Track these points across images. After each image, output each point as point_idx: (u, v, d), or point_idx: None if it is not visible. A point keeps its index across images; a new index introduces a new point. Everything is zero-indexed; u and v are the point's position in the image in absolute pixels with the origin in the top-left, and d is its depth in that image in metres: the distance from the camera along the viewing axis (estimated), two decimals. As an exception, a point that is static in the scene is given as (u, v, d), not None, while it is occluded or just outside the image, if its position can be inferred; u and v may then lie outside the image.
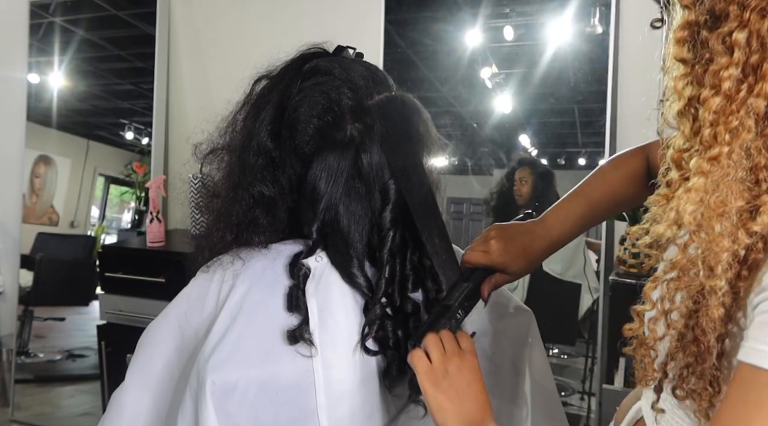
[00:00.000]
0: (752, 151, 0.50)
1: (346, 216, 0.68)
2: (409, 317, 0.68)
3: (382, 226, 0.68)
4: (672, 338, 0.57)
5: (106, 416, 0.70)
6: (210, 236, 0.74)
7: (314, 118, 0.71)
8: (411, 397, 0.67)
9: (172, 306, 0.71)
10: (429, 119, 0.74)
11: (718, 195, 0.50)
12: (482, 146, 2.27)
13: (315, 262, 0.68)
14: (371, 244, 0.69)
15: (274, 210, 0.72)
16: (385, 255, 0.67)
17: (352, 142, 0.69)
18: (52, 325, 2.90)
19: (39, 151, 2.84)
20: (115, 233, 2.97)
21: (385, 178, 0.69)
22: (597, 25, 1.92)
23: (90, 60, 2.86)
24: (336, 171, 0.69)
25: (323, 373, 0.64)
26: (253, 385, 0.62)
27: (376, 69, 0.76)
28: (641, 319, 0.59)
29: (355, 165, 0.69)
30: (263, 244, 0.72)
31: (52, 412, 2.67)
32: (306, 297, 0.66)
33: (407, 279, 0.68)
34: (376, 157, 0.69)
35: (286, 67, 0.75)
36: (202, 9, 2.56)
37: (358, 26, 2.25)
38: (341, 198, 0.68)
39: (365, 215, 0.69)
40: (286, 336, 0.64)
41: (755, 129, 0.49)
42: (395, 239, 0.68)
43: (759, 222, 0.48)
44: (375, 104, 0.70)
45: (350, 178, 0.69)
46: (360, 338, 0.66)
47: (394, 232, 0.68)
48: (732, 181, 0.50)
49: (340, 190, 0.69)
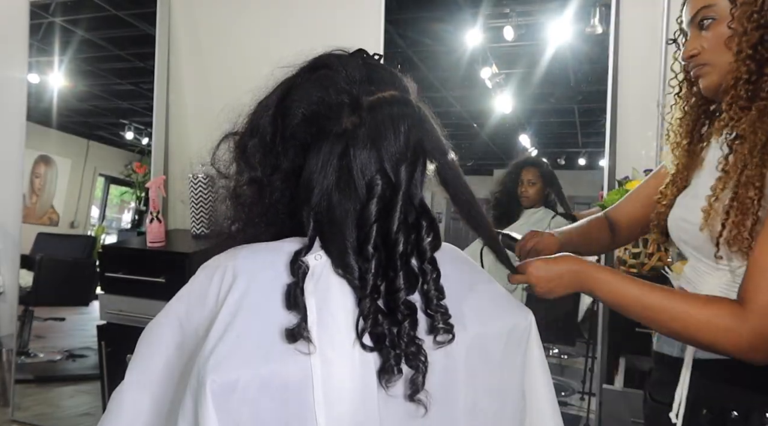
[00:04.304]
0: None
1: (338, 207, 0.69)
2: (405, 317, 0.68)
3: (367, 219, 0.68)
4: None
5: (105, 416, 0.70)
6: (217, 224, 0.76)
7: (305, 107, 0.73)
8: (409, 397, 0.67)
9: (172, 304, 0.71)
10: (431, 128, 0.74)
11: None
12: (482, 146, 2.27)
13: (314, 261, 0.69)
14: (359, 238, 0.69)
15: (266, 193, 0.74)
16: (369, 249, 0.67)
17: (343, 136, 0.70)
18: (52, 325, 2.90)
19: (39, 151, 2.84)
20: (115, 233, 2.98)
21: (372, 173, 0.69)
22: (597, 25, 1.92)
23: (90, 60, 2.86)
24: (327, 162, 0.70)
25: (321, 371, 0.64)
26: (253, 383, 0.62)
27: (383, 69, 0.77)
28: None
29: (344, 158, 0.70)
30: (262, 231, 0.73)
31: (52, 413, 2.67)
32: (305, 295, 0.66)
33: (396, 276, 0.68)
34: (364, 153, 0.69)
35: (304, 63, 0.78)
36: (202, 9, 2.56)
37: (358, 26, 2.25)
38: (333, 190, 0.69)
39: (354, 209, 0.70)
40: (285, 334, 0.64)
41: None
42: (379, 232, 0.68)
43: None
44: (368, 102, 0.71)
45: (340, 170, 0.70)
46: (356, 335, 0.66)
47: (378, 225, 0.68)
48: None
49: (332, 181, 0.69)
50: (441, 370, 0.69)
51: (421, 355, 0.67)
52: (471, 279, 0.80)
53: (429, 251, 0.71)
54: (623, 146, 1.92)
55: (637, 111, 1.88)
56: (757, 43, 0.85)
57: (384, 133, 0.70)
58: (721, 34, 0.89)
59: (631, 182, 1.73)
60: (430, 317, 0.70)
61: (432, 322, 0.69)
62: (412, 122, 0.71)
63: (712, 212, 0.87)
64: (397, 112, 0.71)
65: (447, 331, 0.69)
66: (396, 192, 0.69)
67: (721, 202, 0.86)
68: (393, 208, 0.69)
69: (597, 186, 1.98)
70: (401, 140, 0.70)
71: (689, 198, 0.99)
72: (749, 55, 0.86)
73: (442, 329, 0.69)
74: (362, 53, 0.78)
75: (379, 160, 0.70)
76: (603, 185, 1.92)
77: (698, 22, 0.92)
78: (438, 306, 0.70)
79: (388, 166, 0.70)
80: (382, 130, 0.70)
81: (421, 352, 0.67)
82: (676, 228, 1.00)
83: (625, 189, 1.73)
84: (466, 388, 0.72)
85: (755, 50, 0.86)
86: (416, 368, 0.66)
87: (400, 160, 0.70)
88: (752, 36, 0.85)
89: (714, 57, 0.91)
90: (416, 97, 0.78)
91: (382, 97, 0.71)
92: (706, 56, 0.92)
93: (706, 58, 0.92)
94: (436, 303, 0.70)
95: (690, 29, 0.94)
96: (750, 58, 0.86)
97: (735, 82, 0.88)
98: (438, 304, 0.70)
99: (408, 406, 0.67)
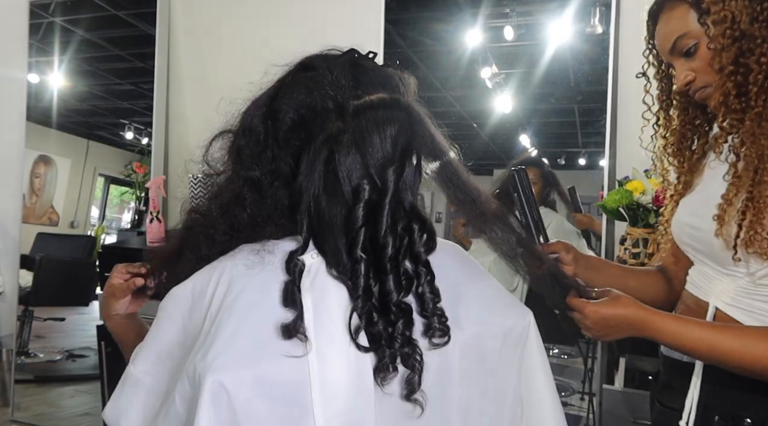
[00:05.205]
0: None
1: (327, 212, 0.69)
2: (399, 318, 0.68)
3: (354, 223, 0.68)
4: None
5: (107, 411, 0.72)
6: (207, 219, 0.76)
7: (293, 112, 0.73)
8: (405, 396, 0.67)
9: (174, 303, 0.72)
10: (423, 129, 0.73)
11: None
12: (482, 146, 2.27)
13: (310, 259, 0.69)
14: (348, 242, 0.69)
15: (260, 193, 0.74)
16: (358, 252, 0.68)
17: (327, 141, 0.70)
18: (52, 325, 2.90)
19: (39, 151, 2.84)
20: (115, 233, 2.98)
21: (358, 178, 0.69)
22: (597, 25, 1.92)
23: (90, 60, 2.86)
24: (313, 168, 0.70)
25: (318, 368, 0.64)
26: (249, 380, 0.62)
27: (372, 70, 0.76)
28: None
29: (330, 164, 0.70)
30: (260, 231, 0.74)
31: (52, 413, 2.67)
32: (301, 292, 0.66)
33: (386, 279, 0.68)
34: (349, 158, 0.69)
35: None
36: (202, 9, 2.56)
37: (358, 26, 2.25)
38: (321, 195, 0.70)
39: (342, 214, 0.70)
40: (282, 330, 0.64)
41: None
42: (368, 236, 0.68)
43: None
44: (354, 106, 0.71)
45: (327, 176, 0.70)
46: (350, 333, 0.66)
47: (365, 229, 0.68)
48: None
49: (319, 186, 0.70)
50: (436, 370, 0.69)
51: (416, 355, 0.67)
52: (470, 278, 0.80)
53: (423, 254, 0.71)
54: (623, 146, 1.92)
55: (637, 111, 1.88)
56: (737, 57, 0.87)
57: (369, 138, 0.70)
58: (705, 56, 0.91)
59: (631, 182, 1.73)
60: (426, 319, 0.70)
61: (428, 324, 0.69)
62: (400, 125, 0.71)
63: (726, 217, 0.87)
64: (382, 115, 0.70)
65: (443, 334, 0.69)
66: (383, 196, 0.69)
67: (735, 207, 0.86)
68: (380, 213, 0.68)
69: (597, 186, 1.98)
70: (388, 144, 0.70)
71: (692, 204, 0.99)
72: (732, 70, 0.87)
73: (438, 332, 0.69)
74: (353, 53, 0.78)
75: (365, 164, 0.70)
76: (603, 185, 1.92)
77: (680, 51, 0.94)
78: (435, 309, 0.70)
79: (374, 170, 0.69)
80: (366, 135, 0.70)
81: (416, 352, 0.67)
82: (682, 233, 1.00)
83: (626, 189, 1.72)
84: (460, 388, 0.72)
85: (736, 64, 0.87)
86: (412, 368, 0.66)
87: (386, 164, 0.70)
88: (730, 51, 0.87)
89: (709, 77, 0.92)
90: (413, 97, 0.78)
91: (368, 101, 0.71)
92: (702, 79, 0.93)
93: (703, 80, 0.93)
94: (432, 306, 0.70)
95: (673, 59, 0.96)
96: (733, 73, 0.87)
97: (724, 98, 0.89)
98: (434, 307, 0.70)
99: (403, 405, 0.67)
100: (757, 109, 0.86)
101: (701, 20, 0.90)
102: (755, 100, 0.86)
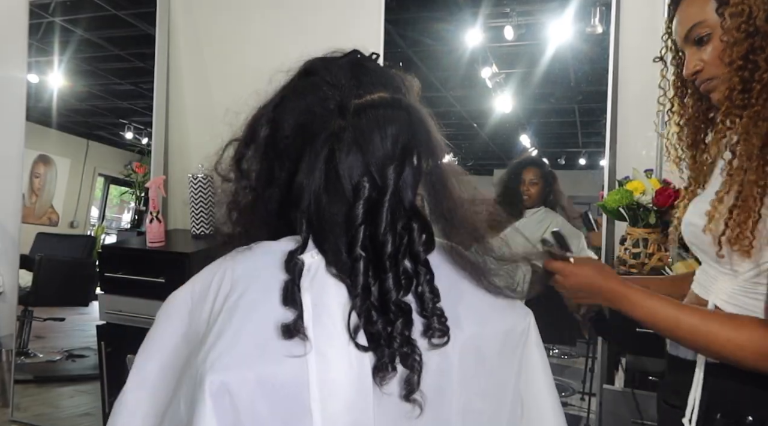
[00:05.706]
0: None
1: (327, 210, 0.70)
2: (398, 317, 0.68)
3: (353, 221, 0.69)
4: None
5: (110, 417, 0.72)
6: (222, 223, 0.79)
7: (294, 118, 0.74)
8: (404, 396, 0.67)
9: (175, 303, 0.72)
10: (423, 129, 0.74)
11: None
12: (482, 146, 2.27)
13: (310, 258, 0.69)
14: (348, 239, 0.70)
15: (262, 200, 0.76)
16: (358, 250, 0.68)
17: (329, 139, 0.70)
18: (51, 326, 2.90)
19: (39, 151, 2.84)
20: (114, 233, 2.98)
21: (359, 176, 0.70)
22: (597, 25, 1.92)
23: (90, 60, 2.86)
24: (314, 166, 0.71)
25: (317, 368, 0.64)
26: (250, 380, 0.62)
27: (374, 70, 0.76)
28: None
29: (331, 162, 0.70)
30: (260, 233, 0.75)
31: (51, 413, 2.67)
32: (301, 291, 0.66)
33: (386, 277, 0.68)
34: (350, 156, 0.70)
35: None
36: (202, 9, 2.56)
37: (359, 26, 2.25)
38: (321, 193, 0.70)
39: (342, 212, 0.70)
40: (281, 329, 0.64)
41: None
42: (367, 234, 0.68)
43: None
44: (355, 105, 0.71)
45: (328, 174, 0.70)
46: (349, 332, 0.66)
47: (365, 227, 0.68)
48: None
49: (320, 184, 0.70)
50: (435, 371, 0.69)
51: (415, 355, 0.67)
52: (470, 277, 0.80)
53: (422, 253, 0.71)
54: (623, 146, 1.92)
55: (637, 111, 1.89)
56: (748, 52, 0.87)
57: (369, 136, 0.70)
58: (717, 47, 0.91)
59: (631, 182, 1.73)
60: (426, 319, 0.69)
61: (427, 324, 0.69)
62: (400, 124, 0.71)
63: (716, 214, 0.88)
64: (383, 114, 0.70)
65: (442, 334, 0.69)
66: (383, 194, 0.69)
67: (726, 204, 0.87)
68: (380, 210, 0.69)
69: (597, 186, 1.98)
70: (388, 142, 0.70)
71: (699, 203, 1.00)
72: (740, 65, 0.88)
73: (437, 332, 0.69)
74: (356, 54, 0.78)
75: (365, 163, 0.70)
76: (603, 185, 1.92)
77: (693, 39, 0.94)
78: (434, 309, 0.70)
79: (374, 168, 0.70)
80: (367, 133, 0.70)
81: (415, 352, 0.67)
82: (687, 232, 1.02)
83: (626, 189, 1.72)
84: (459, 388, 0.72)
85: (746, 59, 0.87)
86: (411, 368, 0.66)
87: (387, 162, 0.70)
88: (742, 46, 0.87)
89: (717, 70, 0.92)
90: (415, 97, 0.78)
91: (369, 100, 0.71)
92: (710, 70, 0.93)
93: (710, 72, 0.93)
94: (432, 306, 0.70)
95: (686, 47, 0.96)
96: (741, 68, 0.88)
97: (729, 93, 0.89)
98: (434, 307, 0.70)
99: (402, 405, 0.67)
100: (757, 108, 0.86)
101: (719, 11, 0.90)
102: (756, 98, 0.87)
